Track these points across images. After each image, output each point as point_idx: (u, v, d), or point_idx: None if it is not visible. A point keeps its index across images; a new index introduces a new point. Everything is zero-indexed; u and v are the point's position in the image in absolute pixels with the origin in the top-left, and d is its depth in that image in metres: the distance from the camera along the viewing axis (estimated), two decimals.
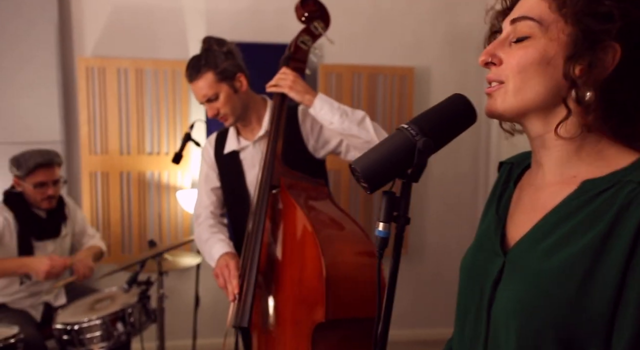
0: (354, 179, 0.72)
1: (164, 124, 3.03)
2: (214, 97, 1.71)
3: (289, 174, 1.58)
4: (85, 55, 2.96)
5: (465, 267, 0.82)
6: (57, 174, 2.32)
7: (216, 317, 3.20)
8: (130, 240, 3.06)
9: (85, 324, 2.03)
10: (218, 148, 1.89)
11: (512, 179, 0.83)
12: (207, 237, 1.81)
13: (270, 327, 1.54)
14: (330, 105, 1.60)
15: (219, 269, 1.64)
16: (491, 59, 0.71)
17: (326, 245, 1.32)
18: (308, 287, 1.35)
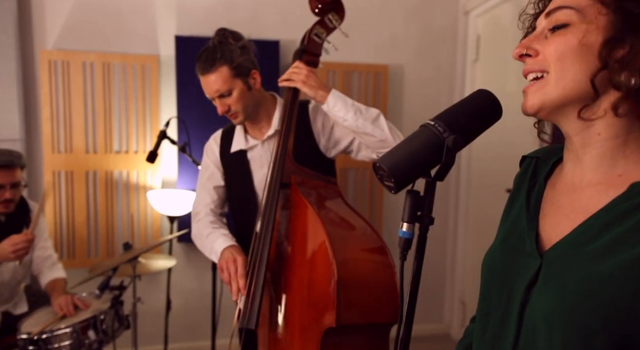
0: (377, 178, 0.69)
1: (132, 122, 2.91)
2: (227, 93, 1.63)
3: (300, 172, 1.52)
4: (47, 48, 2.80)
5: (491, 266, 0.79)
6: (18, 177, 2.18)
7: (188, 322, 3.11)
8: (97, 243, 2.92)
9: (54, 333, 1.91)
10: (224, 146, 1.81)
11: (540, 175, 0.80)
12: (208, 232, 1.72)
13: (277, 329, 1.48)
14: (344, 102, 1.54)
15: (224, 262, 1.54)
16: (526, 51, 0.69)
17: (338, 246, 1.27)
18: (318, 290, 1.29)
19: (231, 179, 1.81)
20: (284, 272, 1.47)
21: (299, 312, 1.37)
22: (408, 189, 0.67)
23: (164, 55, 2.94)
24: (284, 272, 1.47)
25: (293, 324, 1.39)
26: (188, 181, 2.93)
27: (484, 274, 0.80)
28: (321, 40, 1.68)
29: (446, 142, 0.64)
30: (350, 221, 1.43)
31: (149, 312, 2.92)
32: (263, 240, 1.47)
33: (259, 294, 1.43)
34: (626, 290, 0.59)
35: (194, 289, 3.09)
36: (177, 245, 3.04)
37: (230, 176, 1.81)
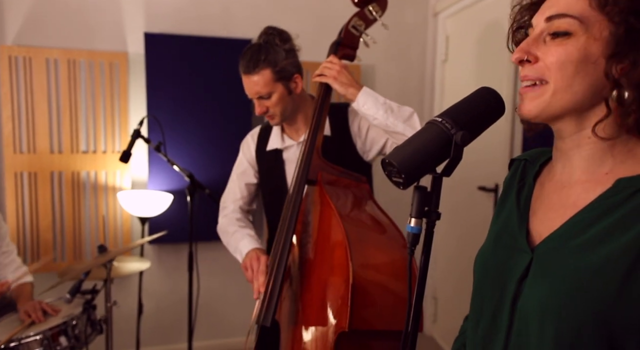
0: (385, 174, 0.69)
1: (100, 121, 2.82)
2: (266, 96, 1.61)
3: (328, 168, 1.49)
4: (6, 43, 2.67)
5: (482, 264, 0.81)
6: None
7: (160, 324, 3.04)
8: (63, 247, 2.81)
9: (23, 341, 1.83)
10: (260, 144, 1.80)
11: (529, 175, 0.83)
12: (234, 230, 1.74)
13: (296, 328, 1.46)
14: (375, 100, 1.50)
15: (248, 261, 1.56)
16: (526, 57, 0.70)
17: (357, 249, 1.23)
18: (334, 292, 1.26)
19: (265, 176, 1.80)
20: (305, 271, 1.45)
21: (315, 313, 1.35)
22: (416, 185, 0.68)
23: (133, 52, 2.86)
24: (305, 271, 1.45)
25: (309, 324, 1.38)
26: (160, 181, 2.87)
27: (477, 273, 0.83)
28: (359, 33, 1.64)
29: (454, 138, 0.66)
30: (375, 223, 1.40)
31: (120, 316, 2.84)
32: (284, 238, 1.46)
33: (276, 292, 1.41)
34: (613, 281, 0.62)
35: (165, 291, 3.03)
36: (149, 246, 2.97)
37: (265, 174, 1.80)
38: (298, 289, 1.47)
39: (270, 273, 1.47)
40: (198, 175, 2.62)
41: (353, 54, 1.66)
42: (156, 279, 3.01)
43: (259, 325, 1.45)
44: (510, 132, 2.50)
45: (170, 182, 2.87)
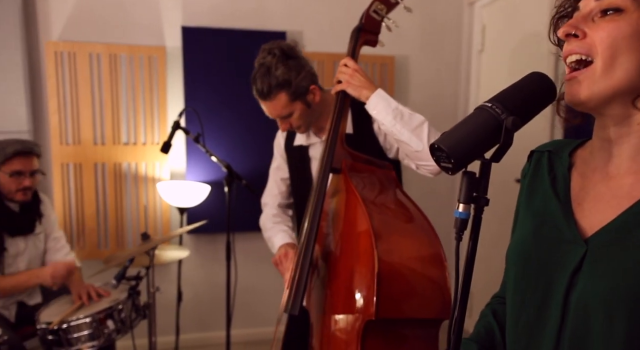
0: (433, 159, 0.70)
1: (140, 113, 2.90)
2: (288, 116, 1.64)
3: (352, 156, 1.48)
4: (52, 39, 2.78)
5: (521, 255, 0.80)
6: (35, 165, 2.19)
7: (199, 313, 3.12)
8: (106, 235, 2.92)
9: (73, 323, 1.92)
10: (288, 139, 1.83)
11: (559, 166, 0.81)
12: (269, 227, 1.82)
13: (323, 315, 1.48)
14: (386, 104, 1.47)
15: (277, 257, 1.64)
16: (574, 31, 0.68)
17: (382, 237, 1.22)
18: (360, 281, 1.25)
19: (292, 171, 1.84)
20: (331, 259, 1.46)
21: (342, 302, 1.36)
22: (464, 171, 0.69)
23: (171, 46, 2.92)
24: (331, 259, 1.46)
25: (337, 312, 1.38)
26: (197, 172, 2.94)
27: (515, 265, 0.82)
28: (380, 17, 1.62)
29: (505, 123, 0.66)
30: (401, 211, 1.39)
31: (161, 303, 2.93)
32: (309, 228, 1.47)
33: (303, 280, 1.43)
34: None
35: (203, 280, 3.11)
36: (187, 236, 3.05)
37: (292, 169, 1.83)
38: (325, 278, 1.49)
39: (296, 262, 1.48)
40: (235, 166, 2.66)
41: (375, 40, 1.63)
42: (194, 267, 3.09)
43: (287, 314, 1.48)
44: (550, 125, 2.45)
45: (208, 173, 2.94)
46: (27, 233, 2.25)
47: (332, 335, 1.41)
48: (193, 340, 3.07)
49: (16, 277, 2.12)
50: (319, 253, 1.55)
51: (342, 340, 1.34)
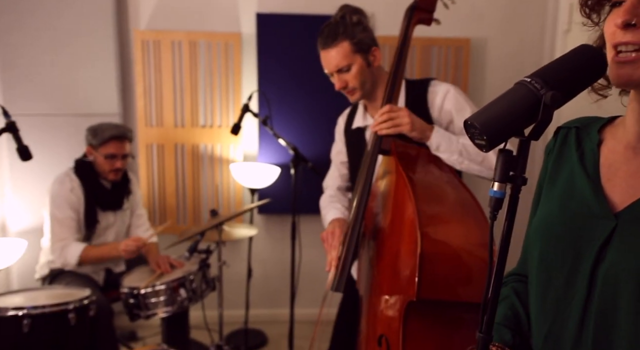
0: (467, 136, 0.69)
1: (216, 97, 3.05)
2: (345, 68, 1.62)
3: (402, 138, 1.48)
4: (140, 28, 2.99)
5: (546, 231, 0.81)
6: (127, 149, 2.40)
7: (266, 289, 3.25)
8: (184, 211, 3.13)
9: (151, 289, 2.10)
10: (348, 123, 1.85)
11: (587, 142, 0.81)
12: (324, 206, 1.87)
13: (370, 294, 1.52)
14: (448, 143, 1.47)
15: (324, 234, 1.66)
16: (635, 20, 0.65)
17: (427, 219, 1.22)
18: (404, 261, 1.27)
19: (351, 154, 1.85)
20: (378, 239, 1.48)
21: (387, 282, 1.38)
22: (500, 148, 0.67)
23: (246, 32, 3.03)
24: (378, 239, 1.48)
25: (382, 292, 1.41)
26: (268, 155, 3.04)
27: (542, 239, 0.82)
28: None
29: (543, 99, 0.63)
30: (450, 193, 1.37)
31: (231, 279, 3.09)
32: (357, 209, 1.49)
33: (349, 260, 1.46)
34: None
35: (272, 258, 3.23)
36: (258, 216, 3.17)
37: (350, 152, 1.85)
38: (373, 258, 1.50)
39: (343, 242, 1.51)
40: (303, 149, 2.72)
41: (430, 18, 1.58)
42: (264, 246, 3.21)
43: (333, 291, 1.51)
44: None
45: (279, 156, 3.03)
46: (116, 208, 2.48)
47: (377, 315, 1.43)
48: (261, 316, 3.21)
49: (100, 249, 2.35)
50: (369, 233, 1.57)
51: (386, 320, 1.36)
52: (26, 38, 2.76)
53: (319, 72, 2.97)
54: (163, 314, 2.13)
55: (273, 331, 3.10)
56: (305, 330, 3.04)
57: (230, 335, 3.02)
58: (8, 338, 1.82)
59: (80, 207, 2.34)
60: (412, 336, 1.26)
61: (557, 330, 0.78)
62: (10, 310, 1.83)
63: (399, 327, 1.25)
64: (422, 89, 1.66)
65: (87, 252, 2.28)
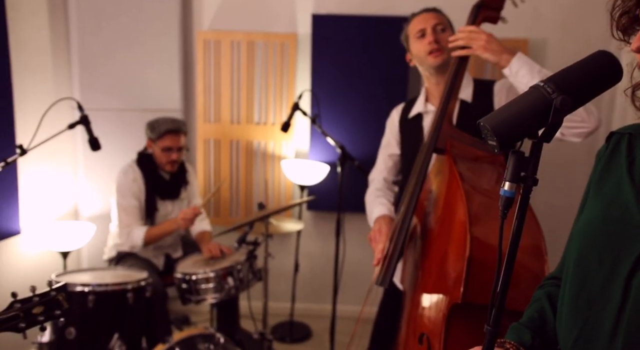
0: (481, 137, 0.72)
1: (271, 95, 3.17)
2: (442, 28, 1.69)
3: (459, 137, 1.47)
4: (203, 28, 3.16)
5: (587, 233, 0.80)
6: (182, 142, 2.56)
7: (312, 284, 3.33)
8: (237, 205, 3.27)
9: (201, 276, 2.23)
10: (404, 113, 1.87)
11: (638, 149, 0.79)
12: (370, 200, 1.89)
13: (414, 292, 1.54)
14: (530, 67, 1.41)
15: (372, 233, 1.69)
16: None
17: (478, 222, 1.21)
18: (451, 263, 1.28)
19: (405, 144, 1.86)
20: (427, 238, 1.49)
21: (432, 281, 1.39)
22: (512, 149, 0.69)
23: (302, 33, 3.12)
24: (427, 238, 1.49)
25: (427, 291, 1.42)
26: (319, 152, 3.12)
27: (579, 242, 0.82)
28: None
29: (554, 102, 0.65)
30: None
31: (278, 271, 3.20)
32: (406, 206, 1.51)
33: (396, 255, 1.49)
34: None
35: (319, 254, 3.30)
36: (306, 212, 3.26)
37: (405, 142, 1.86)
38: (420, 256, 1.51)
39: (391, 237, 1.53)
40: (350, 148, 2.77)
41: (496, 16, 1.57)
42: (312, 242, 3.30)
43: (377, 286, 1.54)
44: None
45: (328, 154, 3.10)
46: (174, 198, 2.65)
47: (420, 314, 1.45)
48: (306, 310, 3.30)
49: (160, 226, 2.52)
50: (418, 231, 1.58)
51: (429, 319, 1.38)
52: (102, 39, 3.00)
53: (370, 74, 3.03)
54: (212, 300, 2.26)
55: (318, 325, 3.17)
56: (348, 326, 3.09)
57: (276, 326, 3.13)
58: (76, 311, 2.01)
59: (141, 196, 2.53)
60: (453, 337, 1.27)
61: (588, 334, 0.78)
62: (78, 286, 2.02)
63: (441, 328, 1.27)
64: (488, 87, 1.68)
65: (150, 232, 2.47)
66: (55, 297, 1.34)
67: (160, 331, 2.26)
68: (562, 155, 2.99)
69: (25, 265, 2.61)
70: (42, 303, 1.31)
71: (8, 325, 1.26)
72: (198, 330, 2.03)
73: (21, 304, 1.29)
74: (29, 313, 1.29)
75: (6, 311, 1.27)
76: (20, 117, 2.51)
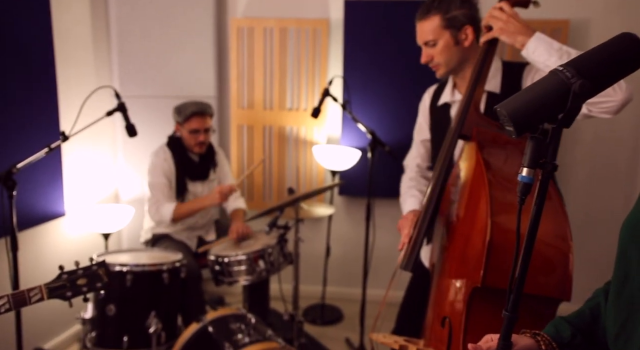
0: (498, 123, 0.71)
1: (303, 81, 3.18)
2: (432, 43, 1.63)
3: (485, 124, 1.46)
4: (237, 16, 3.19)
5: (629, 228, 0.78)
6: (209, 123, 2.63)
7: (344, 268, 3.37)
8: (270, 189, 3.32)
9: (233, 258, 2.30)
10: (434, 99, 1.84)
11: None
12: (403, 191, 1.90)
13: (440, 276, 1.55)
14: (548, 46, 1.36)
15: (401, 222, 1.72)
16: None
17: (500, 208, 1.22)
18: (473, 248, 1.28)
19: (434, 132, 1.84)
20: (451, 224, 1.50)
21: (455, 265, 1.41)
22: (530, 135, 0.69)
23: (334, 18, 3.11)
24: (451, 224, 1.50)
25: (449, 275, 1.44)
26: (351, 138, 3.12)
27: (623, 238, 0.79)
28: None
29: (572, 87, 0.64)
30: None
31: (310, 255, 3.25)
32: (431, 192, 1.52)
33: (419, 240, 1.51)
34: None
35: (350, 238, 3.33)
36: (338, 197, 3.28)
37: (434, 129, 1.84)
38: (445, 241, 1.52)
39: (416, 222, 1.54)
40: (381, 134, 2.76)
41: (527, 0, 1.51)
42: (343, 227, 3.32)
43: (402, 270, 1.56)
44: None
45: (360, 140, 3.10)
46: (203, 179, 2.74)
47: (443, 297, 1.46)
48: (337, 293, 3.34)
49: (191, 203, 2.61)
50: (443, 217, 1.58)
51: (451, 303, 1.39)
52: (139, 27, 3.08)
53: (402, 59, 2.99)
54: (244, 282, 2.33)
55: (349, 309, 3.21)
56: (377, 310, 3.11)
57: (307, 309, 3.19)
58: (115, 290, 2.11)
59: (171, 176, 2.62)
60: (474, 321, 1.28)
61: (629, 331, 0.77)
62: (117, 265, 2.12)
63: (462, 311, 1.28)
64: (518, 72, 1.62)
65: (179, 207, 2.56)
66: (97, 271, 1.47)
67: (194, 310, 2.35)
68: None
69: (69, 245, 2.75)
70: (85, 275, 1.46)
71: (57, 293, 1.42)
72: (230, 311, 2.10)
73: (67, 275, 1.44)
74: (74, 284, 1.44)
75: (55, 281, 1.43)
76: (63, 104, 2.63)
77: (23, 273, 2.04)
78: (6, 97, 2.30)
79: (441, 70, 1.67)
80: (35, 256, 2.51)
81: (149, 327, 2.08)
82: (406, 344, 1.40)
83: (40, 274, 2.43)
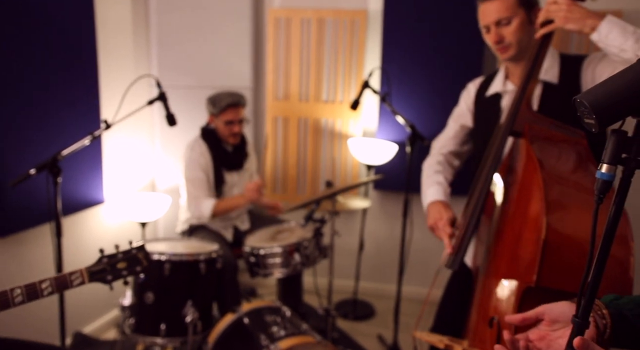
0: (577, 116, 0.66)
1: (340, 73, 3.14)
2: (506, 21, 1.55)
3: (537, 120, 1.42)
4: (274, 7, 3.17)
5: None
6: (242, 114, 2.63)
7: (376, 263, 3.33)
8: (304, 182, 3.31)
9: (269, 250, 2.29)
10: (481, 90, 1.78)
11: None
12: (428, 174, 1.85)
13: (486, 276, 1.52)
14: (622, 29, 1.30)
15: (432, 221, 1.67)
16: None
17: (556, 206, 1.19)
18: (526, 247, 1.25)
19: (480, 123, 1.78)
20: (500, 221, 1.46)
21: (505, 264, 1.37)
22: (612, 128, 0.63)
23: (372, 9, 3.05)
24: (500, 221, 1.46)
25: (498, 275, 1.40)
26: (387, 131, 3.07)
27: None
28: None
29: None
30: (585, 183, 1.30)
31: (343, 249, 3.22)
32: (481, 188, 1.47)
33: (466, 239, 1.47)
34: None
35: (385, 233, 3.28)
36: (373, 191, 3.24)
37: (480, 121, 1.78)
38: (492, 239, 1.47)
39: (463, 222, 1.49)
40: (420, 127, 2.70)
41: None
42: (378, 221, 3.28)
43: (446, 268, 1.51)
44: None
45: (397, 134, 3.04)
46: (238, 168, 2.75)
47: (491, 297, 1.42)
48: (370, 289, 3.31)
49: (227, 201, 2.63)
50: (489, 214, 1.54)
51: (500, 303, 1.35)
52: (178, 19, 3.09)
53: (443, 50, 2.91)
54: (279, 275, 2.32)
55: (381, 305, 3.17)
56: (411, 308, 3.07)
57: (339, 303, 3.17)
58: (153, 278, 2.13)
59: (208, 169, 2.63)
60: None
61: None
62: (155, 254, 2.14)
63: (513, 311, 1.24)
64: (577, 64, 1.56)
65: (218, 205, 2.58)
66: (136, 255, 1.47)
67: (230, 301, 2.36)
68: None
69: (107, 233, 2.80)
70: (125, 259, 1.46)
71: (98, 277, 1.42)
72: (265, 303, 2.09)
73: (108, 258, 1.45)
74: (114, 267, 1.45)
75: (96, 264, 1.43)
76: (104, 93, 2.66)
77: (65, 258, 2.08)
78: (51, 87, 2.34)
79: (511, 51, 1.58)
80: (76, 242, 2.57)
81: (185, 316, 2.09)
82: (451, 344, 1.36)
83: (80, 259, 2.49)
